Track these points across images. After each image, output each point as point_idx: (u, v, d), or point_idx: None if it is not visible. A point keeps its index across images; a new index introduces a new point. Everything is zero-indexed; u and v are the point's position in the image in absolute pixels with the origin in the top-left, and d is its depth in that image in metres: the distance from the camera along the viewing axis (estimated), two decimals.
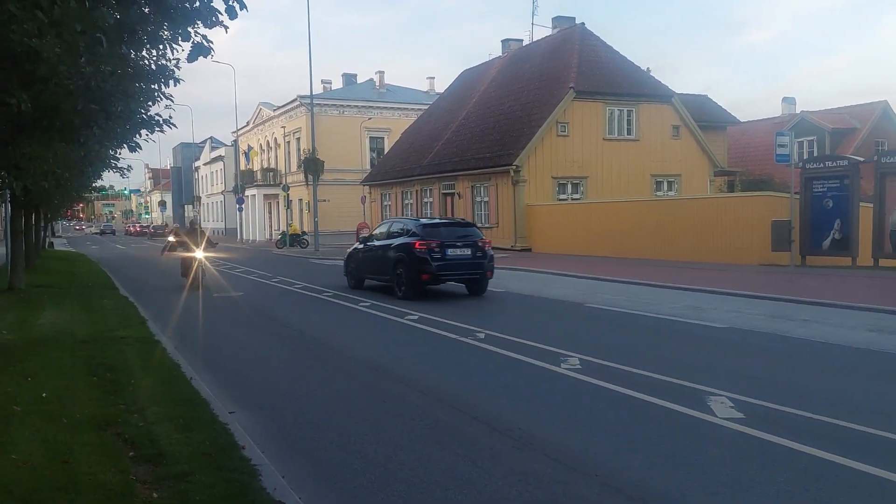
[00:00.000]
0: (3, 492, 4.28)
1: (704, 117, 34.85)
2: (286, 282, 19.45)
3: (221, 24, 6.00)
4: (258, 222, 55.46)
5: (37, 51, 6.55)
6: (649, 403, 6.47)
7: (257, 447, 5.29)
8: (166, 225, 79.13)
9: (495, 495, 4.51)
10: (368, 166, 47.65)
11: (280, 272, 22.85)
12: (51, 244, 44.88)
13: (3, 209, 18.42)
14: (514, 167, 28.75)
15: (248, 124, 62.28)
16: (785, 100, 43.51)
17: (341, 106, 49.41)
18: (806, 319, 11.12)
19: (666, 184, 32.04)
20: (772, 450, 5.21)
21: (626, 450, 5.30)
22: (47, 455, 4.98)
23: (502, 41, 40.21)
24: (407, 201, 38.52)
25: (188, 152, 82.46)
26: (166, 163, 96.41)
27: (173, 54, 9.01)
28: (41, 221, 32.58)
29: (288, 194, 47.66)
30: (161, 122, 9.65)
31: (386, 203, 41.20)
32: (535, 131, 29.15)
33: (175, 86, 9.31)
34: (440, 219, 18.36)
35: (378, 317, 12.46)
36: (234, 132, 63.44)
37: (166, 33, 7.47)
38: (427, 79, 60.25)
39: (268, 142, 57.45)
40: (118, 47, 6.91)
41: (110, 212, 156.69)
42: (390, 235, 16.13)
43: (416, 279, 14.65)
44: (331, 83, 56.05)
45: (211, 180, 76.04)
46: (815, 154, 33.49)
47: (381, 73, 55.23)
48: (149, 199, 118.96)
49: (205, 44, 6.10)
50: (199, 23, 6.07)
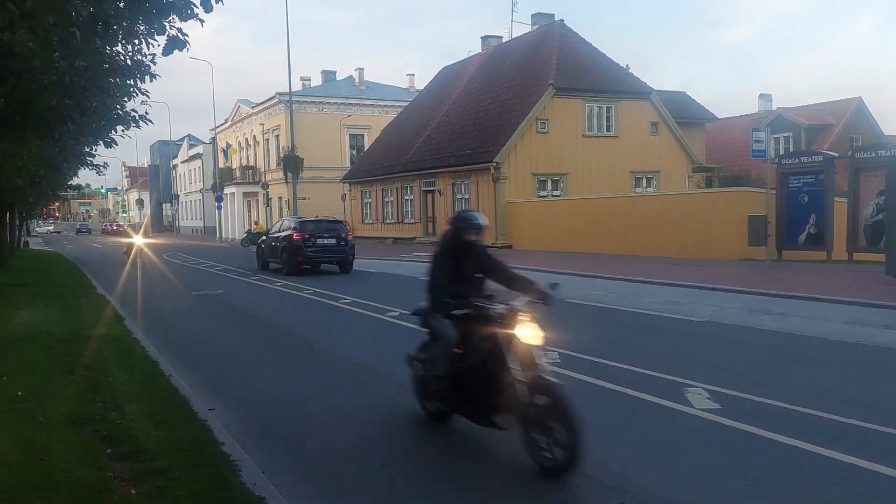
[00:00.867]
0: None
1: (683, 114, 35.16)
2: (266, 280, 19.33)
3: (197, 17, 5.95)
4: (237, 220, 55.02)
5: (9, 45, 6.46)
6: (628, 396, 6.53)
7: (236, 442, 5.27)
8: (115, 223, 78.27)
9: (476, 487, 4.54)
10: (348, 164, 47.45)
11: (260, 271, 22.69)
12: (26, 243, 44.19)
13: None
14: (495, 164, 28.81)
15: (226, 122, 61.76)
16: (762, 96, 44.01)
17: (321, 103, 49.16)
18: (782, 313, 11.27)
19: (645, 180, 32.29)
20: (748, 439, 5.28)
21: (605, 442, 5.35)
22: (23, 453, 4.91)
23: (482, 38, 40.25)
24: (387, 199, 38.45)
25: (165, 150, 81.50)
26: (143, 161, 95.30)
27: (149, 49, 8.93)
28: (15, 220, 32.09)
29: (267, 192, 47.34)
30: (137, 117, 9.54)
31: (366, 200, 41.08)
32: (515, 128, 29.24)
33: (151, 81, 9.20)
34: (314, 218, 22.57)
35: (359, 314, 12.44)
36: (212, 129, 62.89)
37: (141, 27, 7.38)
38: (407, 75, 60.13)
39: (246, 139, 57.02)
40: (92, 41, 6.82)
41: (87, 210, 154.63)
42: (281, 230, 21.57)
43: (294, 261, 20.10)
44: (310, 80, 55.79)
45: (189, 178, 75.30)
46: (791, 150, 33.93)
47: (361, 69, 55.05)
48: (126, 197, 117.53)
49: (180, 37, 6.04)
50: (174, 16, 6.01)
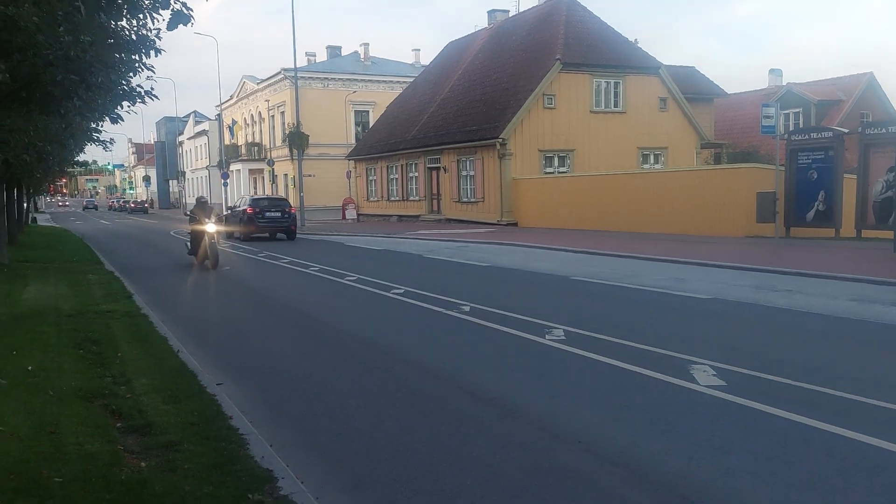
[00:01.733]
0: None
1: (692, 89, 34.80)
2: (272, 257, 19.40)
3: None
4: None
5: (14, 19, 6.43)
6: (633, 373, 6.55)
7: (244, 417, 5.32)
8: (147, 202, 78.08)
9: (480, 462, 4.58)
10: (353, 140, 47.28)
11: (266, 248, 22.77)
12: (34, 219, 44.38)
13: None
14: (501, 140, 28.64)
15: (231, 98, 61.53)
16: (772, 72, 43.53)
17: (326, 79, 48.87)
18: (789, 290, 11.25)
19: (652, 156, 32.08)
20: (752, 416, 5.31)
21: (610, 418, 5.39)
22: (34, 426, 4.98)
23: (488, 12, 39.80)
24: (392, 176, 38.34)
25: (171, 126, 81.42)
26: (150, 137, 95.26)
27: (153, 24, 8.86)
28: (23, 196, 32.19)
29: (273, 169, 47.27)
30: (143, 93, 9.49)
31: (371, 178, 40.99)
32: (521, 104, 29.01)
33: (156, 56, 9.15)
34: (264, 196, 32.07)
35: (365, 291, 12.49)
36: (217, 106, 62.63)
37: (146, 1, 7.33)
38: (412, 51, 59.67)
39: (252, 116, 56.84)
40: (97, 16, 6.78)
41: (94, 187, 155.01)
42: (240, 206, 27.45)
43: (248, 230, 25.81)
44: (315, 56, 55.37)
45: (195, 155, 75.23)
46: (801, 126, 33.62)
47: (366, 45, 54.56)
48: (132, 174, 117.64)
49: (185, 11, 6.01)
50: None
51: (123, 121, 10.75)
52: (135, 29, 8.84)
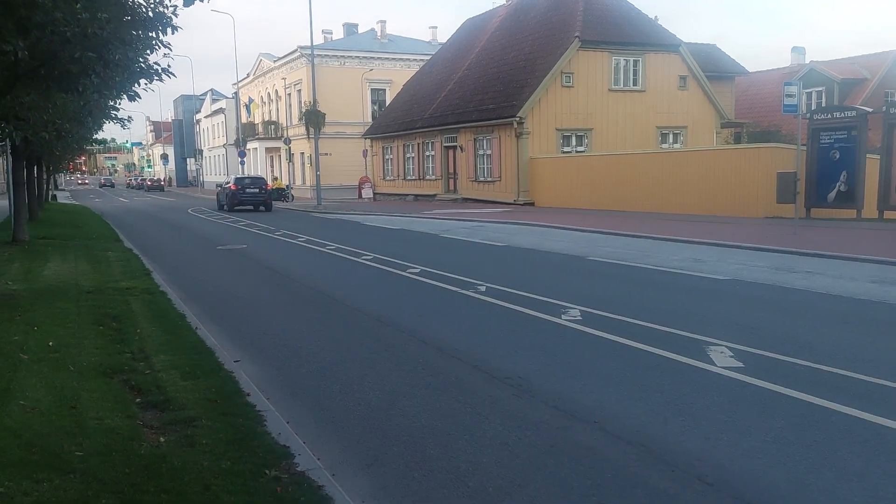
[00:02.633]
0: (13, 436, 4.37)
1: (712, 67, 34.23)
2: (289, 235, 19.48)
3: None
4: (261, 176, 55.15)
5: None
6: (649, 353, 6.52)
7: (262, 394, 5.37)
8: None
9: (495, 441, 4.59)
10: (370, 119, 47.13)
11: (282, 226, 22.87)
12: (54, 197, 44.84)
13: (5, 161, 18.33)
14: (518, 119, 28.42)
15: (248, 76, 61.47)
16: (794, 49, 42.69)
17: (342, 57, 48.62)
18: (808, 271, 11.12)
19: (672, 136, 31.70)
20: (770, 397, 5.27)
21: (626, 398, 5.37)
22: (55, 401, 5.06)
23: None
24: (409, 155, 38.23)
25: (189, 104, 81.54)
26: (167, 115, 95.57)
27: (170, 0, 8.84)
28: (43, 174, 32.50)
29: (290, 147, 47.27)
30: (160, 70, 9.49)
31: (388, 156, 40.90)
32: (539, 82, 28.71)
33: (173, 34, 9.13)
34: (246, 175, 36.63)
35: (381, 270, 12.51)
36: (234, 84, 62.67)
37: None
38: (429, 28, 59.18)
39: (269, 94, 56.77)
40: None
41: (112, 165, 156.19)
42: (227, 183, 33.74)
43: (232, 202, 31.79)
44: (332, 33, 55.08)
45: (212, 133, 75.43)
46: (824, 105, 33.01)
47: (383, 22, 54.16)
48: (150, 152, 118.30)
49: None
50: None
51: (141, 98, 10.75)
52: (151, 6, 8.81)
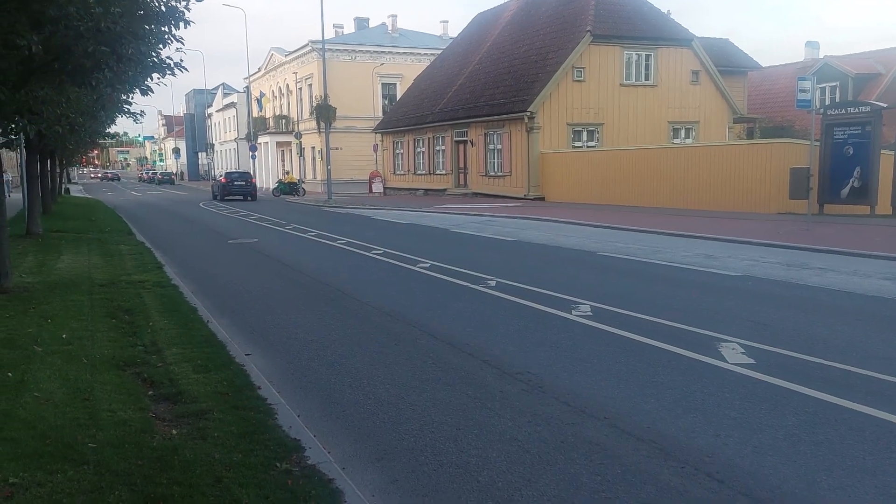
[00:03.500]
0: (27, 427, 4.41)
1: (725, 62, 33.96)
2: (300, 229, 19.54)
3: None
4: (271, 170, 55.33)
5: None
6: (660, 349, 6.51)
7: (272, 387, 5.40)
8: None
9: (505, 435, 4.60)
10: (380, 113, 47.11)
11: (293, 220, 22.94)
12: (67, 190, 45.14)
13: (19, 155, 18.47)
14: (529, 114, 28.34)
15: (259, 70, 61.59)
16: (808, 44, 42.25)
17: (353, 51, 48.62)
18: (821, 268, 11.05)
19: (683, 131, 31.53)
20: (781, 394, 5.25)
21: (636, 394, 5.36)
22: (68, 393, 5.11)
23: None
24: (419, 149, 38.20)
25: (201, 99, 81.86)
26: (179, 109, 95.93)
27: None
28: (56, 168, 32.73)
29: (300, 142, 47.36)
30: (172, 65, 9.51)
31: (398, 151, 40.89)
32: (550, 77, 28.61)
33: (185, 28, 9.15)
34: (235, 170, 44.02)
35: (391, 265, 12.53)
36: (246, 78, 62.82)
37: None
38: (440, 23, 58.82)
39: (280, 88, 56.86)
40: None
41: (125, 158, 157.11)
42: (218, 176, 44.66)
43: (222, 193, 37.34)
44: (343, 28, 55.08)
45: (224, 127, 75.67)
46: (838, 100, 32.69)
47: (394, 16, 54.11)
48: (162, 145, 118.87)
49: None
50: None
51: (154, 92, 10.82)
52: (164, 0, 8.85)
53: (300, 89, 51.90)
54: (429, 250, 13.98)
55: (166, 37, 9.26)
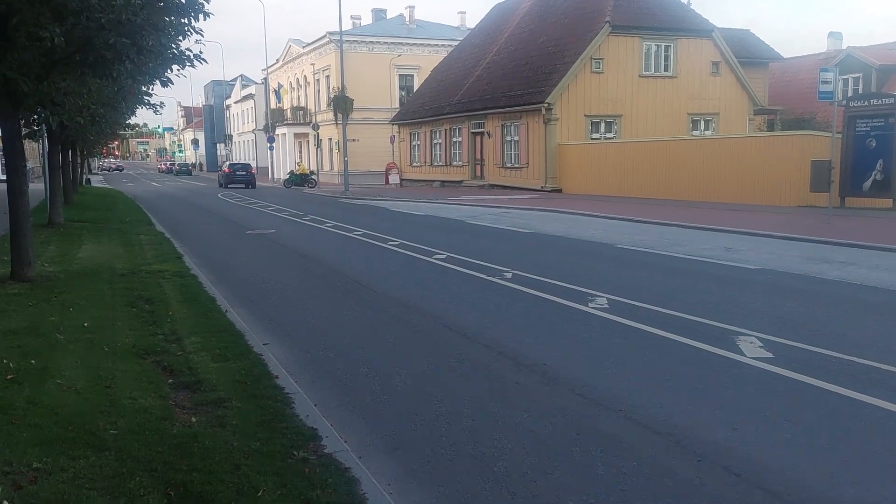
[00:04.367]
0: (50, 413, 4.49)
1: (746, 53, 33.56)
2: (317, 220, 19.63)
3: None
4: (289, 161, 55.53)
5: None
6: (677, 342, 6.47)
7: (290, 376, 5.45)
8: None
9: (520, 427, 4.61)
10: (397, 105, 47.07)
11: (310, 211, 23.04)
12: (87, 181, 45.64)
13: (41, 145, 18.71)
14: (546, 105, 28.20)
15: (277, 62, 61.75)
16: (831, 35, 41.62)
17: (371, 43, 48.57)
18: (842, 261, 10.92)
19: (703, 123, 31.23)
20: (800, 389, 5.21)
21: (653, 387, 5.35)
22: (90, 380, 5.18)
23: None
24: (436, 141, 38.15)
25: (219, 90, 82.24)
26: (198, 101, 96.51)
27: None
28: (77, 158, 33.10)
29: (318, 133, 47.48)
30: (192, 56, 9.58)
31: (415, 143, 40.87)
32: (568, 68, 28.43)
33: (205, 20, 9.21)
34: (237, 161, 50.12)
35: (407, 256, 12.56)
36: (263, 70, 62.99)
37: None
38: (458, 14, 58.77)
39: (297, 80, 56.98)
40: None
41: (144, 149, 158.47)
42: (223, 167, 48.99)
43: (227, 180, 42.64)
44: (360, 19, 55.02)
45: (242, 118, 75.99)
46: (861, 92, 32.18)
47: (412, 8, 53.89)
48: (182, 137, 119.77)
49: None
50: None
51: (173, 84, 10.88)
52: None
53: (318, 81, 51.98)
54: (445, 242, 13.99)
55: (186, 28, 9.31)
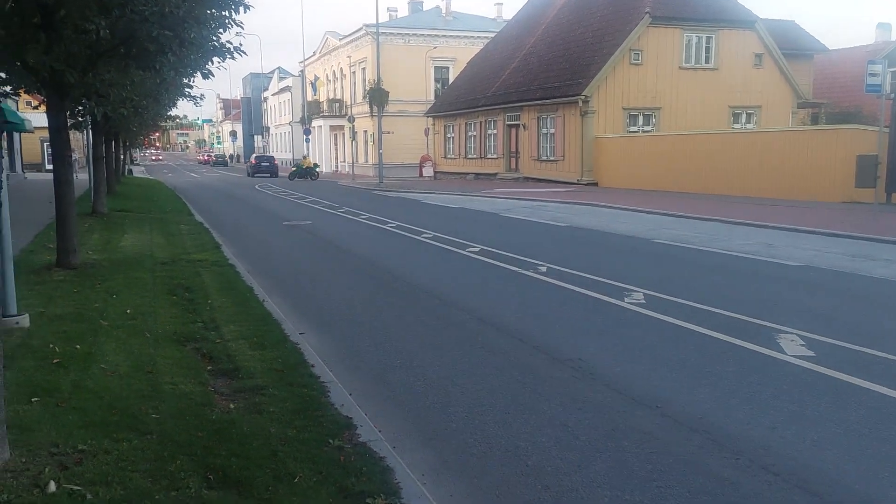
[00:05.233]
0: (95, 397, 4.61)
1: (790, 45, 32.75)
2: (352, 213, 19.77)
3: None
4: (325, 153, 56.00)
5: None
6: (715, 339, 6.38)
7: (325, 365, 5.51)
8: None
9: (554, 421, 4.59)
10: (432, 97, 47.07)
11: (345, 203, 23.21)
12: (130, 171, 46.61)
13: (86, 136, 19.17)
14: (583, 97, 27.92)
15: (314, 54, 62.21)
16: (879, 26, 40.41)
17: (407, 35, 48.61)
18: (889, 259, 10.63)
19: (745, 116, 30.60)
20: (842, 388, 5.09)
21: (690, 383, 5.28)
22: (133, 366, 5.31)
23: None
24: (471, 133, 38.07)
25: (257, 82, 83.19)
26: (237, 93, 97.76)
27: None
28: (120, 149, 33.82)
29: (353, 125, 47.77)
30: (232, 49, 9.72)
31: (449, 135, 40.84)
32: (606, 60, 28.10)
33: (245, 12, 9.34)
34: (262, 154, 60.08)
35: (441, 248, 12.58)
36: (301, 62, 63.55)
37: None
38: (495, 5, 58.09)
39: (334, 72, 57.34)
40: None
41: (184, 141, 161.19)
42: (249, 158, 60.33)
43: (253, 171, 48.95)
44: (396, 11, 55.10)
45: (279, 111, 76.82)
46: None
47: None
48: (220, 128, 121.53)
49: None
50: None
51: (214, 76, 11.09)
52: None
53: (354, 73, 52.24)
54: (479, 234, 13.98)
55: (227, 21, 9.44)
